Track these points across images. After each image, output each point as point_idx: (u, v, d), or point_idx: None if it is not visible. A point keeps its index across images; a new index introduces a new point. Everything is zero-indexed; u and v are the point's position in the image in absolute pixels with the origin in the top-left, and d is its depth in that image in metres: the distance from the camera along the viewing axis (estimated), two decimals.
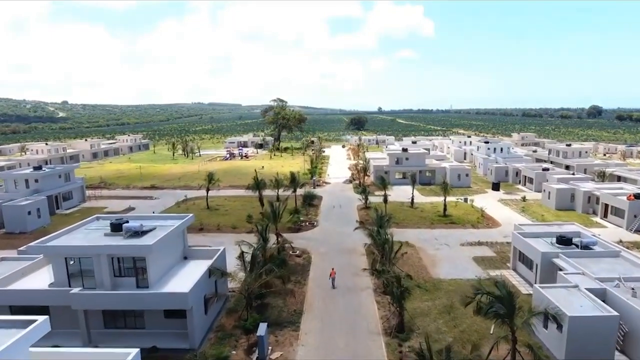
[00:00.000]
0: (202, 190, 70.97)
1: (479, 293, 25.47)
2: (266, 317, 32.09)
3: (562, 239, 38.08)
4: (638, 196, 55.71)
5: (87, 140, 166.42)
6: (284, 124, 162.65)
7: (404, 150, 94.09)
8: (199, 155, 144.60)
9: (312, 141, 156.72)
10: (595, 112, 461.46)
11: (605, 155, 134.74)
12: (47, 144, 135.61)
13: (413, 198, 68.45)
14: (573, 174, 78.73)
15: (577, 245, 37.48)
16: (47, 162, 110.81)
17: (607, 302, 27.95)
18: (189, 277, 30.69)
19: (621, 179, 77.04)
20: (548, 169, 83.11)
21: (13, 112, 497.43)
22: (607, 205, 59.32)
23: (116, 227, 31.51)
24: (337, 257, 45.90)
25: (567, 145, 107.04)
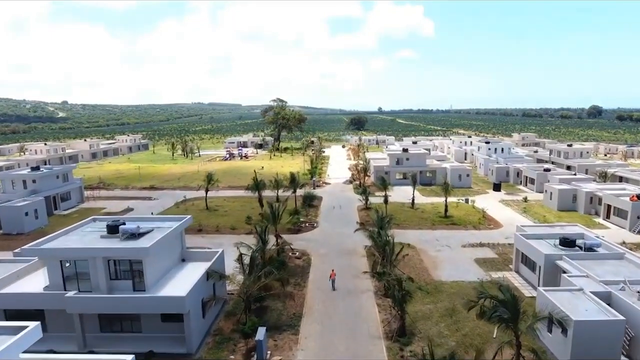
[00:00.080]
0: (201, 191, 70.44)
1: (483, 297, 24.95)
2: (265, 320, 31.58)
3: (565, 240, 37.51)
4: None
5: (86, 140, 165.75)
6: (283, 124, 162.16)
7: (405, 150, 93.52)
8: (198, 155, 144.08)
9: (312, 141, 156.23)
10: (596, 112, 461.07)
11: (606, 155, 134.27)
12: (46, 144, 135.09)
13: (414, 199, 67.93)
14: (575, 175, 78.24)
15: (581, 247, 36.91)
16: (46, 162, 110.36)
17: (613, 306, 27.41)
18: (186, 280, 30.17)
19: (623, 179, 76.62)
20: (549, 170, 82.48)
21: (13, 112, 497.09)
22: (610, 206, 58.81)
23: (113, 229, 31.05)
24: (337, 258, 45.36)
25: (568, 145, 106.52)
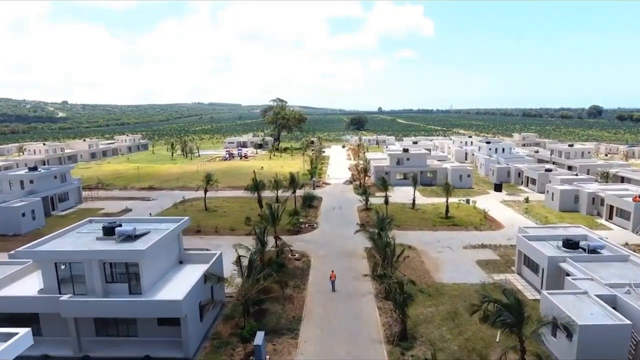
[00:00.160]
0: (200, 191, 69.83)
1: (486, 301, 24.41)
2: (264, 324, 31.02)
3: (568, 242, 36.97)
4: None
5: (86, 140, 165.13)
6: (283, 124, 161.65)
7: (405, 150, 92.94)
8: (197, 155, 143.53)
9: (312, 141, 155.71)
10: (596, 112, 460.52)
11: (606, 155, 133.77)
12: (45, 144, 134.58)
13: (414, 199, 67.37)
14: (576, 175, 77.69)
15: (584, 249, 36.33)
16: (44, 162, 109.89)
17: (618, 310, 26.89)
18: (183, 283, 29.64)
19: (625, 179, 76.07)
20: (551, 170, 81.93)
21: (13, 112, 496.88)
22: (613, 207, 58.26)
23: (108, 230, 30.51)
24: (337, 260, 44.79)
25: (569, 145, 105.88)
